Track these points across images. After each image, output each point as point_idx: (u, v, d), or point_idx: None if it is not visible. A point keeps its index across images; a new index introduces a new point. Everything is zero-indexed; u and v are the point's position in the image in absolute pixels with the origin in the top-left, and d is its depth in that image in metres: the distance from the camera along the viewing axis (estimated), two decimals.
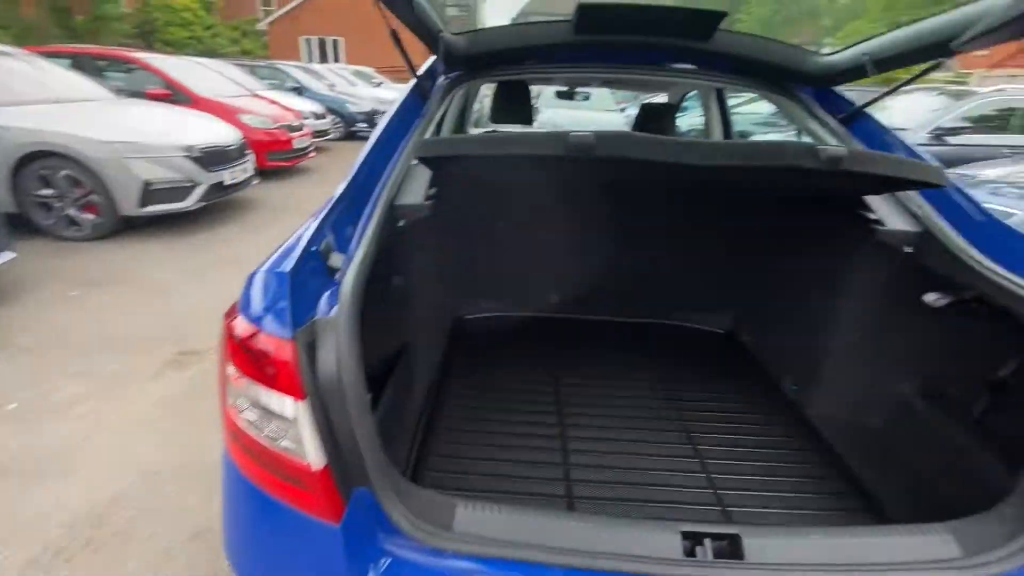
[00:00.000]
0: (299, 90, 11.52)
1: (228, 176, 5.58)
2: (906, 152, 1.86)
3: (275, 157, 7.59)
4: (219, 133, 5.75)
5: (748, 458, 1.85)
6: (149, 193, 4.94)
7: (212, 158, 5.40)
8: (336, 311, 1.00)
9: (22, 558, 1.82)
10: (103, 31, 17.50)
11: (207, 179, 5.32)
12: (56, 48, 7.40)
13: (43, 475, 2.18)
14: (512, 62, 2.01)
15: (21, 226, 4.51)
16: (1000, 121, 7.21)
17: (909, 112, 7.40)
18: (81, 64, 6.77)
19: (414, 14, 1.53)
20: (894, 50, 1.74)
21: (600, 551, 1.01)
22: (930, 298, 1.67)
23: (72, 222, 4.87)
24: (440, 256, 2.22)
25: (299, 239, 1.12)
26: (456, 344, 2.51)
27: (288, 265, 0.99)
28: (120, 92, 6.34)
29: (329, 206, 1.32)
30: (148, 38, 19.44)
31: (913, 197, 1.73)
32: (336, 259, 1.15)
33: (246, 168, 5.98)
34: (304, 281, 1.04)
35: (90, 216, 4.87)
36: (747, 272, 2.63)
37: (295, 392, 0.90)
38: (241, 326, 0.94)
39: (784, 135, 7.00)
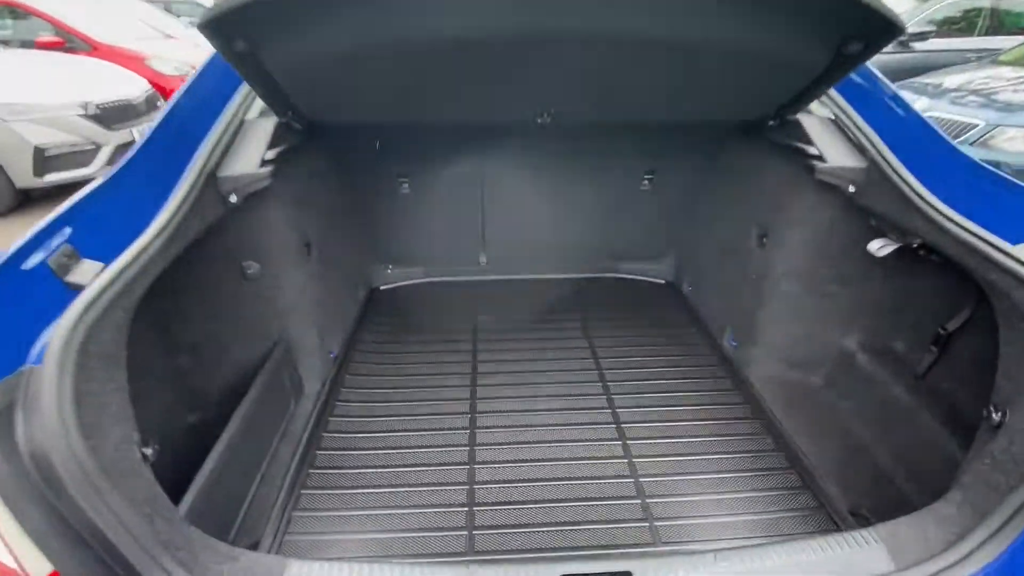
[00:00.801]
0: None
1: (137, 133, 5.01)
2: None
3: None
4: (122, 84, 5.11)
5: (681, 432, 1.68)
6: (45, 160, 4.39)
7: (115, 114, 4.81)
8: (48, 356, 0.73)
9: None
10: None
11: (112, 139, 4.75)
12: None
13: None
14: None
15: None
16: (966, 23, 6.86)
17: None
18: None
19: None
20: None
21: None
22: (874, 246, 1.47)
23: None
24: (323, 225, 1.91)
25: (15, 249, 0.83)
26: (368, 321, 2.26)
27: None
28: (7, 44, 5.57)
29: (85, 193, 1.02)
30: None
31: (862, 128, 1.48)
32: (85, 271, 0.87)
33: None
34: (14, 314, 0.76)
35: None
36: (685, 216, 2.40)
37: None
38: None
39: None
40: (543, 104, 1.61)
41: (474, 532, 1.36)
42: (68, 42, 6.09)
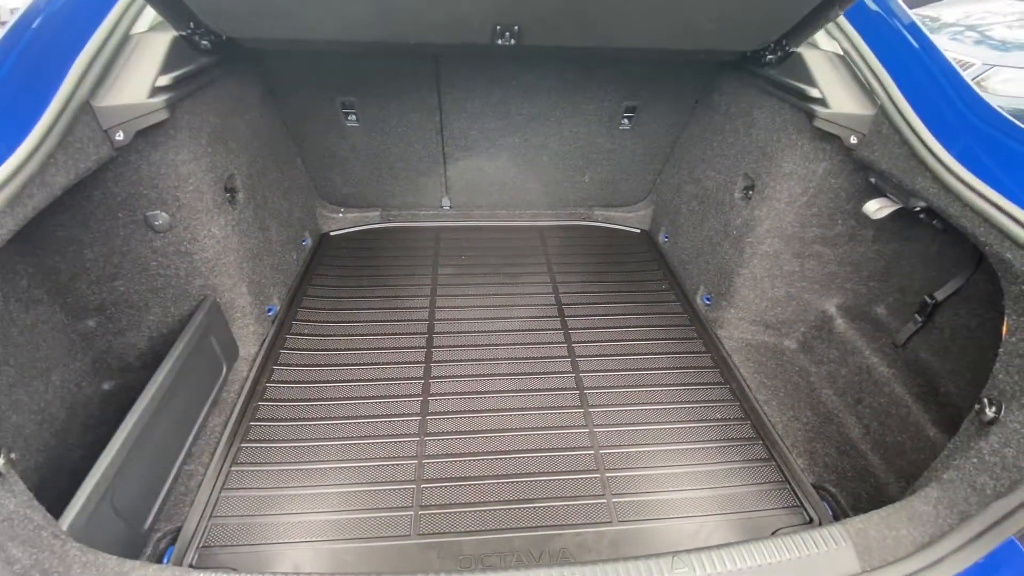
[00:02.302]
0: None
1: None
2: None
3: None
4: None
5: (647, 399, 1.58)
6: None
7: None
8: None
9: None
10: None
11: None
12: None
13: None
14: None
15: None
16: None
17: None
18: None
19: None
20: None
21: None
22: (871, 207, 1.32)
23: None
24: (250, 164, 1.66)
25: None
26: (315, 271, 2.06)
27: None
28: None
29: None
30: None
31: (874, 68, 1.28)
32: None
33: None
34: None
35: None
36: (666, 161, 2.21)
37: None
38: None
39: None
40: (505, 20, 1.34)
41: (420, 512, 1.26)
42: None
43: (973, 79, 3.94)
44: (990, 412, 0.94)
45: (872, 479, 1.37)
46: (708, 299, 1.92)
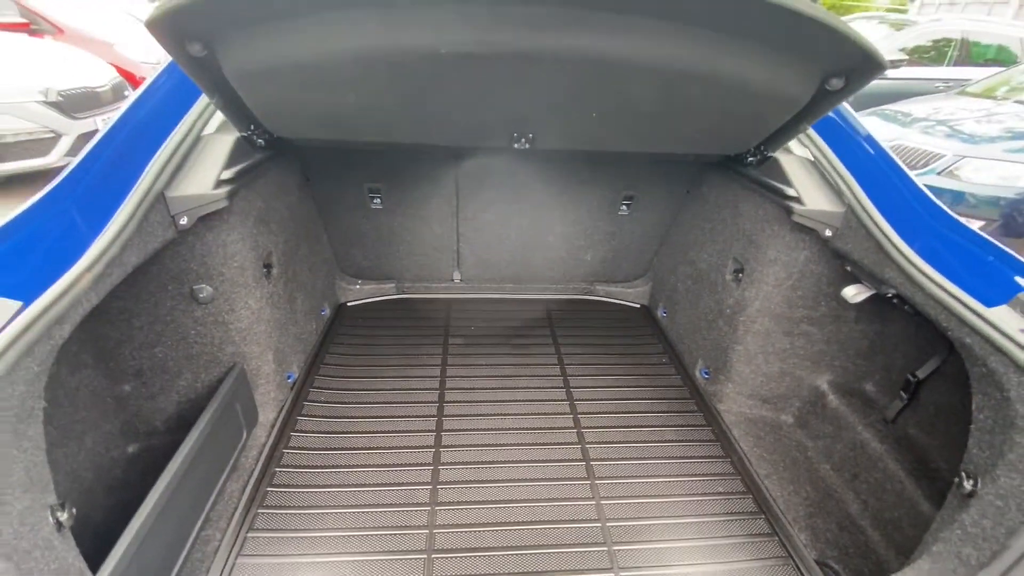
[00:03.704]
0: None
1: (101, 123, 4.79)
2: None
3: None
4: (86, 71, 4.89)
5: (650, 471, 1.64)
6: None
7: (78, 102, 4.60)
8: None
9: None
10: None
11: (73, 128, 4.55)
12: None
13: None
14: None
15: None
16: (936, 52, 7.06)
17: None
18: None
19: None
20: None
21: None
22: (849, 292, 1.45)
23: None
24: (285, 244, 1.82)
25: None
26: (332, 340, 2.17)
27: None
28: None
29: (10, 218, 0.93)
30: None
31: (840, 171, 1.46)
32: None
33: None
34: None
35: None
36: (662, 243, 2.38)
37: None
38: None
39: None
40: (521, 129, 1.54)
41: None
42: (33, 24, 5.83)
43: (945, 169, 4.24)
44: (968, 485, 1.01)
45: (873, 555, 1.40)
46: (707, 373, 2.01)
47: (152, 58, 6.35)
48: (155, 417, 1.55)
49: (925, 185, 1.34)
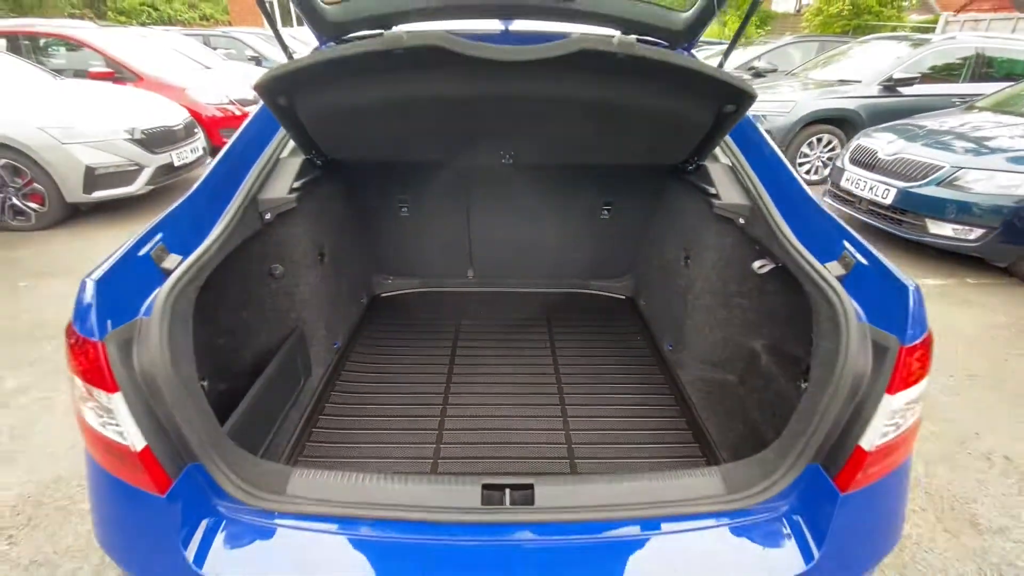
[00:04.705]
0: (258, 60, 11.24)
1: (176, 157, 5.59)
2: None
3: (229, 133, 7.54)
4: (164, 112, 5.72)
5: (612, 413, 2.07)
6: (93, 178, 4.97)
7: (157, 139, 5.40)
8: (153, 312, 1.16)
9: None
10: (49, 2, 16.67)
11: (153, 161, 5.33)
12: None
13: None
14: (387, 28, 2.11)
15: None
16: (950, 70, 7.22)
17: (867, 64, 7.43)
18: (18, 44, 6.61)
19: None
20: None
21: (412, 505, 1.21)
22: (755, 265, 1.87)
23: (18, 212, 4.93)
24: (334, 239, 2.36)
25: (128, 244, 1.26)
26: (368, 321, 2.69)
27: (98, 273, 1.14)
28: (62, 72, 6.24)
29: (173, 207, 1.47)
30: (99, 7, 18.57)
31: (749, 174, 1.89)
32: (171, 261, 1.30)
33: (195, 147, 5.98)
34: (131, 285, 1.20)
35: (35, 205, 4.91)
36: (638, 241, 2.83)
37: (108, 386, 1.07)
38: (70, 332, 1.11)
39: None
40: (504, 148, 2.08)
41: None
42: (117, 73, 6.77)
43: (944, 179, 4.47)
44: (804, 385, 1.42)
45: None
46: (671, 346, 2.43)
47: (215, 100, 7.25)
48: (237, 365, 2.09)
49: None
